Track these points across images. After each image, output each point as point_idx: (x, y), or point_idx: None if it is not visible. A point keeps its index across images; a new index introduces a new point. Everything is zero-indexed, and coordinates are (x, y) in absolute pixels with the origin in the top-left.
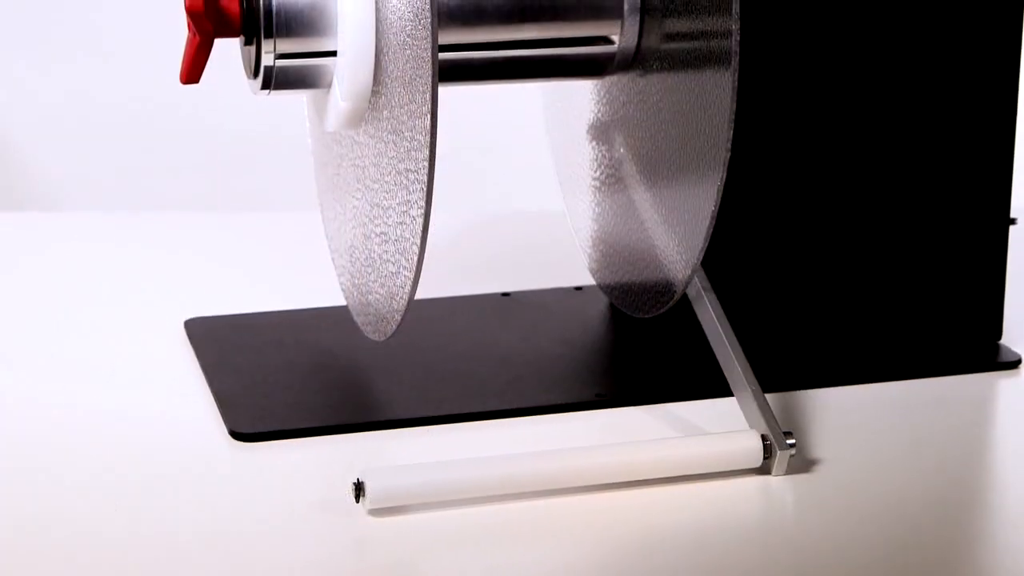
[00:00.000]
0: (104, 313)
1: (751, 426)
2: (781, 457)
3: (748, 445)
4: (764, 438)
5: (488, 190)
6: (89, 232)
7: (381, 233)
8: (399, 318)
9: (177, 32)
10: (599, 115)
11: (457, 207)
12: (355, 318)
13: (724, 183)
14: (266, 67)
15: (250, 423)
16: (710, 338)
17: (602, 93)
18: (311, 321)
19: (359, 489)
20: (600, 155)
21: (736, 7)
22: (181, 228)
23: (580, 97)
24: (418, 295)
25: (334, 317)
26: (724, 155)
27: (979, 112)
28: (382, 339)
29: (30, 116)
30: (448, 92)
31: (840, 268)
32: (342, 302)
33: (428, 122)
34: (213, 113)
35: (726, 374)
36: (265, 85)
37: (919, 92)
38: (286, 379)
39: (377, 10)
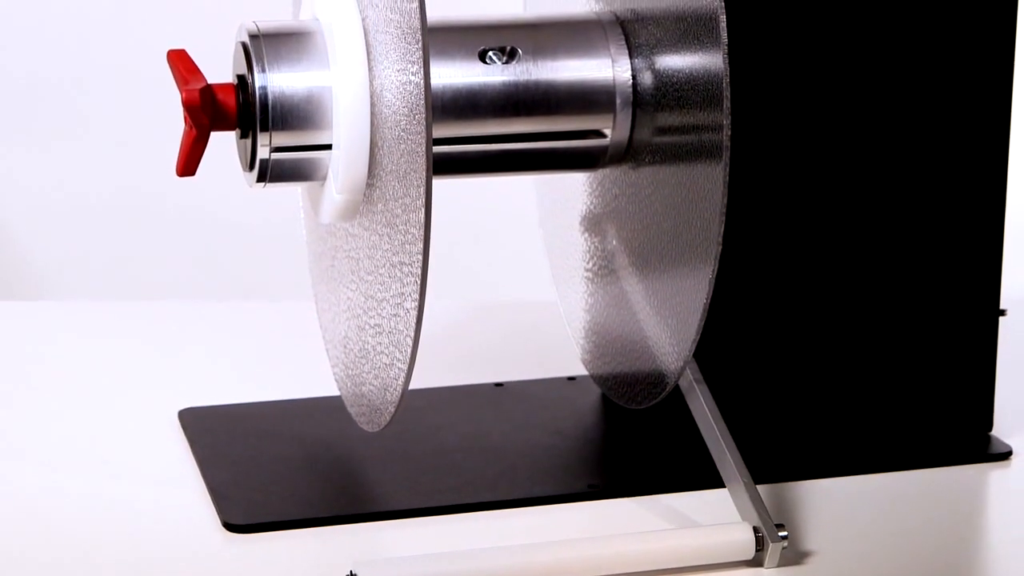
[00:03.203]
0: (98, 403)
1: (743, 518)
2: (773, 549)
3: (740, 537)
4: (756, 530)
5: (481, 280)
6: (82, 321)
7: (375, 325)
8: (393, 410)
9: (173, 122)
10: (592, 207)
11: (450, 297)
12: (349, 409)
13: (716, 276)
14: (261, 160)
15: (244, 514)
16: (702, 429)
17: (595, 185)
18: (305, 412)
19: None
20: (593, 246)
21: (727, 102)
22: (175, 317)
23: (573, 189)
24: (411, 385)
25: (328, 408)
26: (716, 248)
27: (968, 207)
28: (376, 430)
29: (23, 204)
30: (442, 183)
31: (831, 360)
32: (336, 393)
33: (422, 216)
34: (208, 204)
35: (718, 466)
36: (261, 178)
37: (907, 187)
38: (280, 470)
39: (372, 104)
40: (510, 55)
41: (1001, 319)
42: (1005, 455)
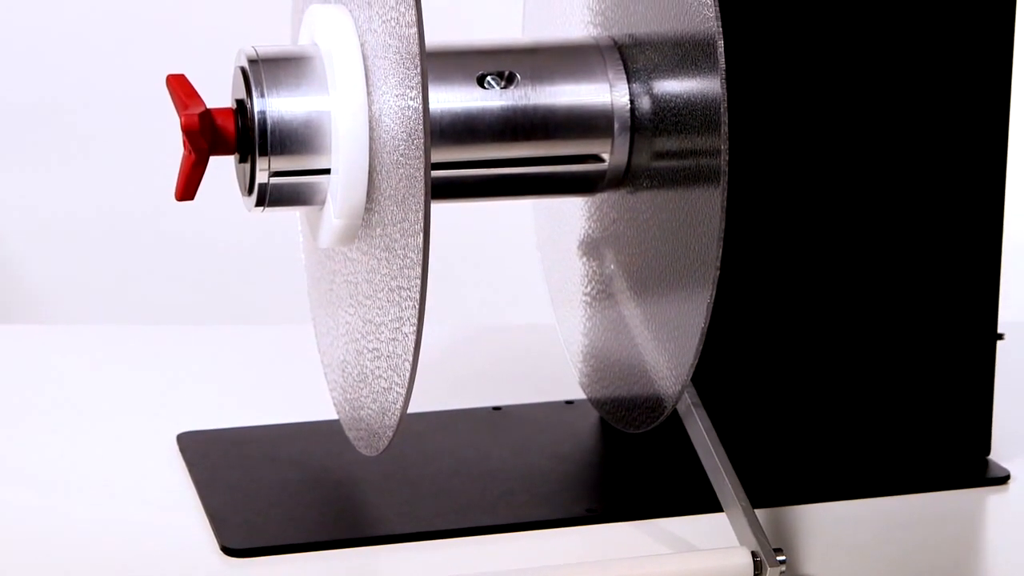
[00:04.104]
0: (96, 426)
1: (741, 542)
2: (771, 574)
3: (738, 562)
4: (754, 555)
5: (479, 304)
6: (81, 345)
7: (373, 349)
8: (391, 434)
9: (172, 147)
10: (590, 231)
11: (449, 321)
12: (347, 433)
13: (713, 300)
14: (260, 184)
15: (242, 538)
16: (700, 454)
17: (592, 210)
18: (303, 435)
19: None
20: (591, 271)
21: (725, 127)
22: (173, 341)
23: (571, 213)
24: (409, 409)
25: (326, 431)
26: (713, 273)
27: (965, 232)
28: (374, 454)
29: (22, 228)
30: (440, 207)
31: (829, 384)
32: (334, 416)
33: (420, 240)
34: (207, 228)
35: (716, 490)
36: (259, 202)
37: (905, 212)
38: (278, 494)
39: (371, 129)
40: (508, 80)
41: (999, 343)
42: (1003, 479)
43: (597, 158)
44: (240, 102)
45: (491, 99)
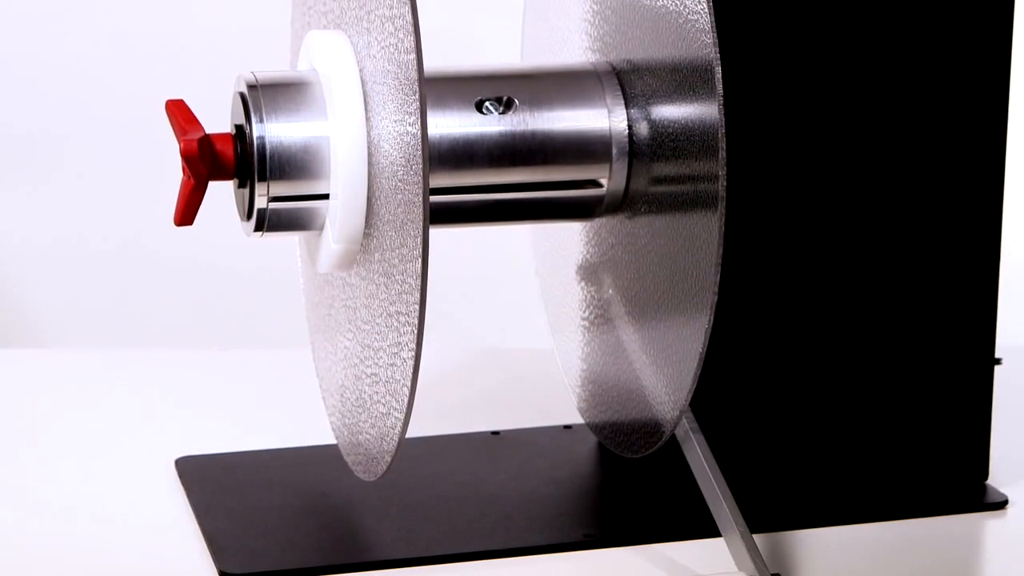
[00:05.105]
0: (95, 451)
1: (739, 567)
2: None
3: None
4: None
5: (478, 329)
6: (80, 369)
7: (372, 374)
8: (389, 459)
9: (172, 172)
10: (588, 256)
11: (447, 345)
12: (345, 458)
13: (711, 325)
14: (259, 210)
15: (240, 564)
16: (698, 479)
17: (591, 234)
18: (302, 460)
19: None
20: (589, 295)
21: (723, 152)
22: (172, 366)
23: (569, 238)
24: (408, 434)
25: (325, 456)
26: (711, 298)
27: (963, 258)
28: (372, 479)
29: (21, 252)
30: (439, 232)
31: (827, 409)
32: (333, 441)
33: (419, 266)
34: (206, 253)
35: (714, 515)
36: (258, 227)
37: (903, 239)
38: (276, 519)
39: (369, 154)
40: (507, 105)
41: (996, 368)
42: (1001, 504)
43: (595, 183)
44: (239, 127)
45: (489, 124)
